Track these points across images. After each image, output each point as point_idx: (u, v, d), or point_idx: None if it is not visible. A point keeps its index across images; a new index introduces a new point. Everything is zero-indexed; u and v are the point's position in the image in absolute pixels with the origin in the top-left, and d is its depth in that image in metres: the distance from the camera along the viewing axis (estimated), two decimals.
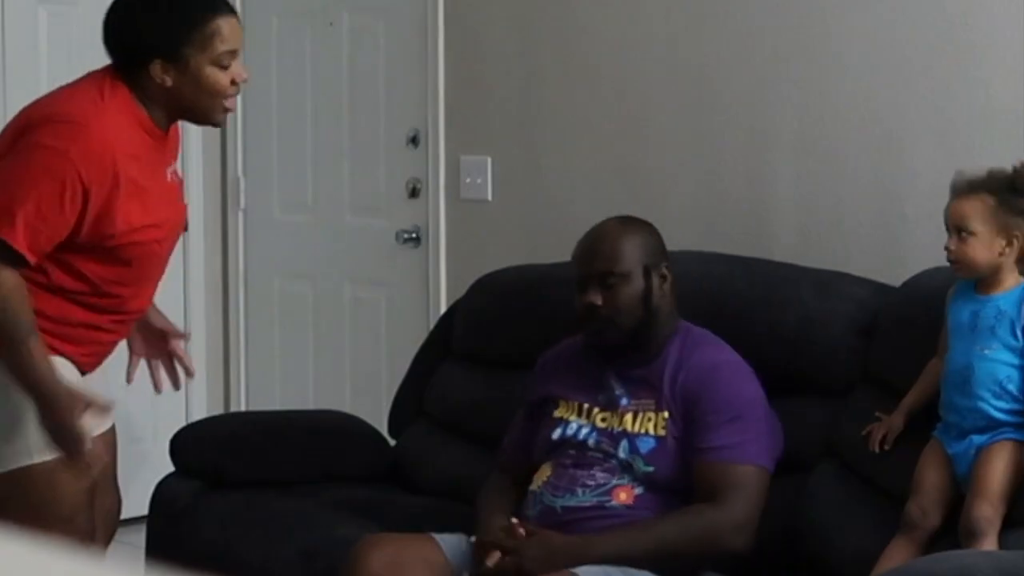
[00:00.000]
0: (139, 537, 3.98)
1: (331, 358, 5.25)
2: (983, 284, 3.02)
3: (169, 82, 3.10)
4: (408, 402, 4.27)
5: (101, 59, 3.23)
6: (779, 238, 3.96)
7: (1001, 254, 2.98)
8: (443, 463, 4.05)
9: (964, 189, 3.03)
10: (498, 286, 4.15)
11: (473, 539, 3.24)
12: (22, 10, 5.05)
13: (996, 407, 2.95)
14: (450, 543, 3.30)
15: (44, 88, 5.03)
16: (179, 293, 5.44)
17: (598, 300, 3.27)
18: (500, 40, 4.66)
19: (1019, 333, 2.95)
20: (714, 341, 3.33)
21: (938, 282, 3.20)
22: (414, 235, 4.95)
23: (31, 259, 3.02)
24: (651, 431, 3.22)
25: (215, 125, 3.37)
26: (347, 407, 4.66)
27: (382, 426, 4.30)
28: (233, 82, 3.15)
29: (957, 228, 3.01)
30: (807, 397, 3.47)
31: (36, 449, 3.10)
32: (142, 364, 3.51)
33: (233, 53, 3.14)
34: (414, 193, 4.95)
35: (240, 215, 5.50)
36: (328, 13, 5.19)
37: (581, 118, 4.44)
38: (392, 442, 4.27)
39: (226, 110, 3.20)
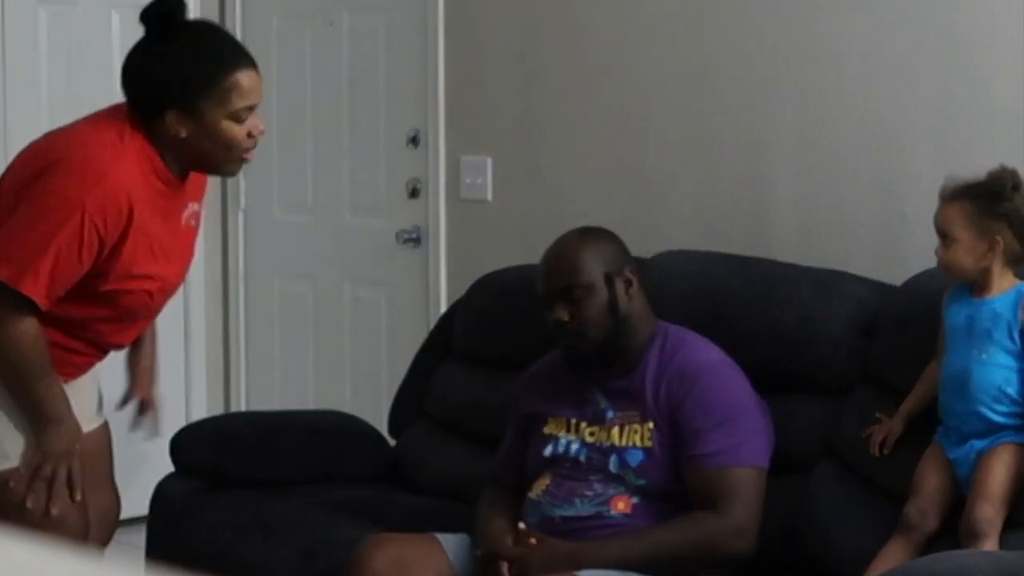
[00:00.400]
0: (139, 537, 3.98)
1: (331, 358, 5.25)
2: (978, 287, 3.02)
3: (183, 133, 3.04)
4: (408, 402, 4.27)
5: (101, 59, 3.24)
6: (779, 238, 3.95)
7: (984, 258, 2.98)
8: (443, 463, 4.05)
9: (947, 196, 3.04)
10: (498, 286, 4.15)
11: (479, 552, 3.23)
12: (22, 10, 5.04)
13: (995, 411, 2.94)
14: (453, 543, 3.30)
15: (44, 88, 5.07)
16: (179, 293, 5.42)
17: (565, 315, 3.26)
18: (500, 40, 4.66)
19: (1016, 336, 2.95)
20: (692, 341, 3.32)
21: (939, 282, 3.19)
22: (414, 235, 4.95)
23: (44, 308, 3.02)
24: (638, 443, 3.22)
25: (229, 175, 3.33)
26: (347, 407, 4.66)
27: (382, 426, 4.30)
28: (250, 135, 3.08)
29: (942, 234, 3.03)
30: (807, 397, 3.47)
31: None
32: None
33: (251, 108, 3.07)
34: (414, 193, 4.95)
35: (240, 215, 5.50)
36: (328, 13, 5.19)
37: (581, 118, 4.44)
38: (392, 442, 4.27)
39: (243, 160, 3.13)
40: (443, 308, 4.65)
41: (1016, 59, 3.55)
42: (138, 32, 3.15)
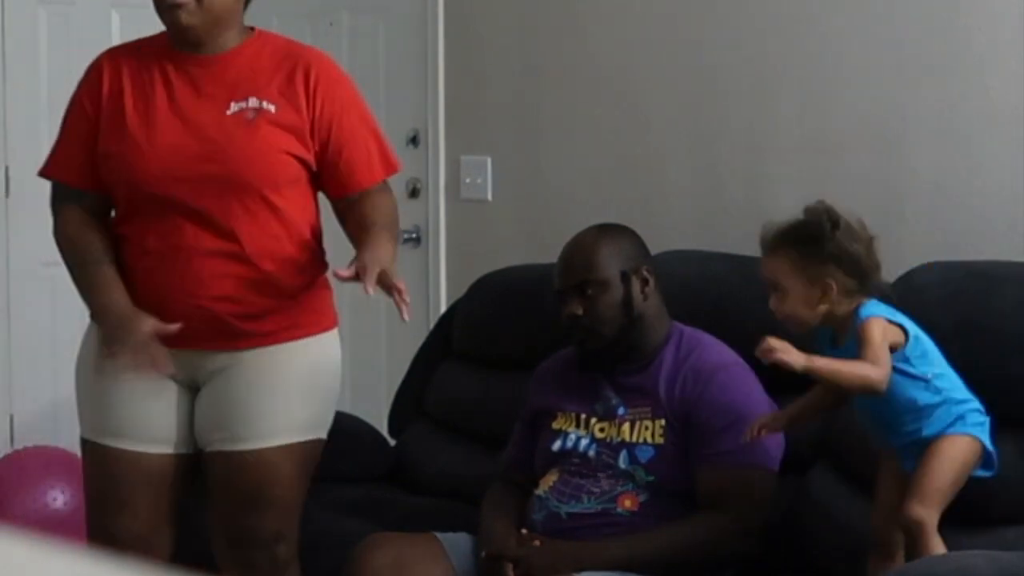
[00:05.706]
0: None
1: None
2: (836, 334, 2.88)
3: None
4: (408, 402, 4.27)
5: None
6: None
7: (820, 304, 2.85)
8: (443, 463, 4.05)
9: (768, 246, 2.92)
10: (498, 286, 4.15)
11: (484, 554, 3.23)
12: (22, 10, 5.05)
13: (928, 424, 2.82)
14: (453, 542, 3.30)
15: (44, 88, 5.07)
16: None
17: (579, 310, 3.26)
18: (500, 40, 4.66)
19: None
20: (709, 343, 3.32)
21: (932, 278, 3.19)
22: (414, 235, 4.95)
23: (62, 180, 3.17)
24: (649, 439, 3.21)
25: (173, 24, 3.27)
26: (347, 407, 4.66)
27: (382, 426, 4.30)
28: None
29: (772, 286, 2.90)
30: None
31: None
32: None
33: None
34: (414, 193, 4.95)
35: None
36: (328, 13, 5.19)
37: (581, 118, 4.44)
38: (392, 442, 4.27)
39: (172, 6, 3.20)
40: (443, 308, 4.65)
41: (1017, 59, 3.55)
42: (137, 32, 3.17)
